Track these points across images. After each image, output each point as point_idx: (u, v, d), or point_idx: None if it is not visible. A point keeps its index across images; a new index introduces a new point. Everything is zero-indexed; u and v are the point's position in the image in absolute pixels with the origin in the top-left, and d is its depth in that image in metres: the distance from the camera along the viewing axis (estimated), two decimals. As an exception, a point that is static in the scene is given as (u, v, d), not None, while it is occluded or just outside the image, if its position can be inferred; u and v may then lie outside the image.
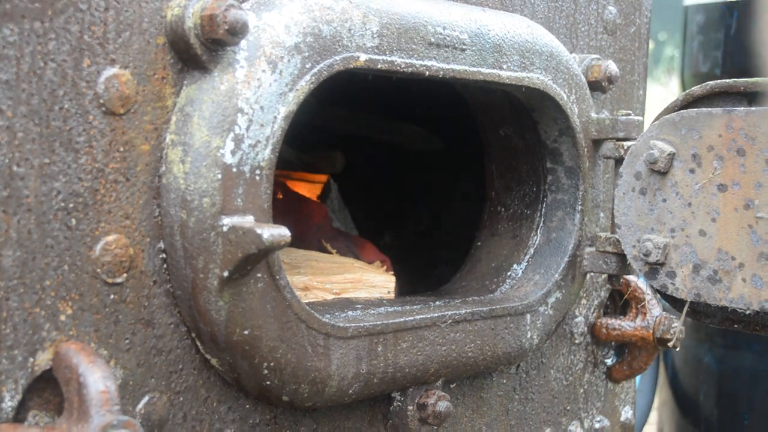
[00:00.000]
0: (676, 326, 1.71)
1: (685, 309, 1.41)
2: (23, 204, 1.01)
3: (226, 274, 1.12)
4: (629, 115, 1.64)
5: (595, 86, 1.64)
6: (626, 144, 1.56)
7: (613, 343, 1.86)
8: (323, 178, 2.06)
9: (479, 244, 1.72)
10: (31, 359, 1.03)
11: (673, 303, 1.46)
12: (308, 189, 2.01)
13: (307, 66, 1.18)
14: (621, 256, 1.56)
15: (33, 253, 1.02)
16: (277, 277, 1.19)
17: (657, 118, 1.44)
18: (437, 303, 1.49)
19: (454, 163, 1.99)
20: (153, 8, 1.09)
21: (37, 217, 1.02)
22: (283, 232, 1.09)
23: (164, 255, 1.14)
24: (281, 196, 1.86)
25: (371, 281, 1.64)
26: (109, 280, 1.09)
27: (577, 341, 1.78)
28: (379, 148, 2.17)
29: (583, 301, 1.77)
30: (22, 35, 0.99)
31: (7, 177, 0.99)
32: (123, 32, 1.07)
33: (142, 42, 1.09)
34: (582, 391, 1.82)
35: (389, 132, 2.05)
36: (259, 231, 1.08)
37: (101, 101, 1.06)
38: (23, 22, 0.98)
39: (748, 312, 1.35)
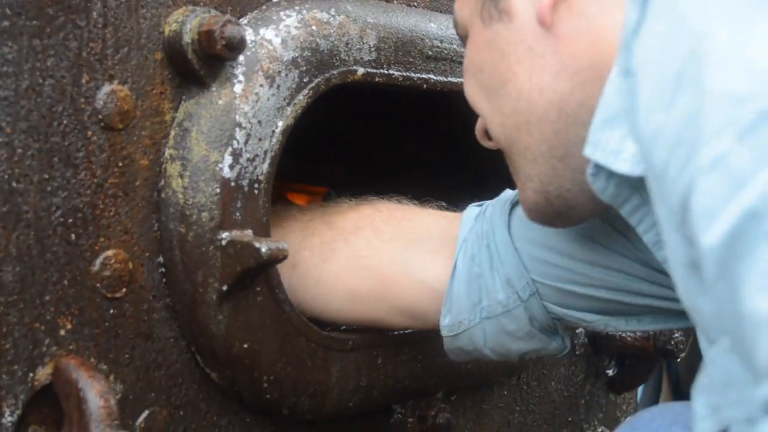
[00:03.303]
0: (677, 336, 1.71)
1: None
2: (23, 220, 1.01)
3: (225, 287, 1.12)
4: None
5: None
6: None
7: (614, 354, 1.85)
8: (323, 189, 2.06)
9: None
10: (31, 374, 1.03)
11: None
12: (308, 200, 2.01)
13: (305, 80, 1.19)
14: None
15: (33, 268, 1.02)
16: (277, 290, 1.19)
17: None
18: (437, 315, 1.49)
19: (458, 173, 1.99)
20: (151, 24, 1.10)
21: (36, 233, 1.02)
22: (281, 245, 1.10)
23: (163, 269, 1.14)
24: (281, 209, 1.86)
25: (371, 293, 1.64)
26: (109, 295, 1.09)
27: (577, 352, 1.78)
28: (380, 159, 2.17)
29: (584, 312, 1.77)
30: (21, 52, 0.99)
31: (6, 193, 0.99)
32: (121, 48, 1.08)
33: (140, 58, 1.09)
34: (583, 402, 1.82)
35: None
36: (257, 245, 1.09)
37: (100, 117, 1.06)
38: (22, 39, 0.99)
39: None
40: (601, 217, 1.13)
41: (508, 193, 1.28)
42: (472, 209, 1.30)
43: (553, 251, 1.19)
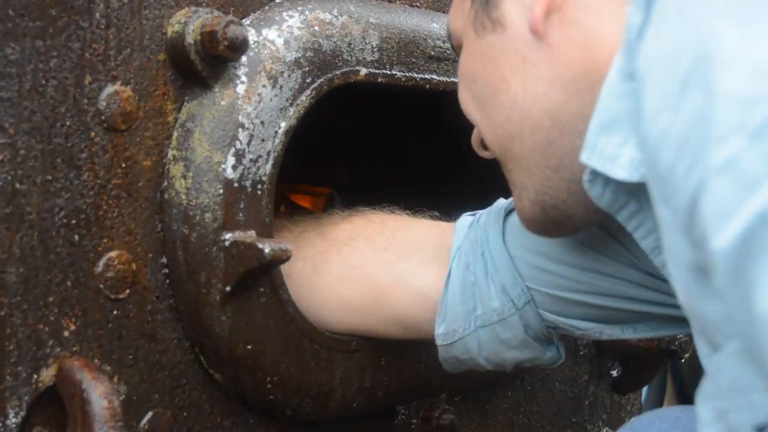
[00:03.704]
0: (681, 338, 1.71)
1: None
2: (26, 221, 1.01)
3: (228, 288, 1.12)
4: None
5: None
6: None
7: (618, 355, 1.85)
8: (326, 190, 2.07)
9: (482, 256, 1.72)
10: (35, 376, 1.03)
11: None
12: (311, 202, 2.02)
13: (308, 81, 1.19)
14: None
15: (36, 269, 1.02)
16: (280, 291, 1.19)
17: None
18: (441, 315, 1.49)
19: (461, 174, 1.99)
20: (154, 25, 1.10)
21: (39, 234, 1.02)
22: (284, 246, 1.10)
23: (167, 270, 1.14)
24: (284, 209, 1.86)
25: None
26: (113, 296, 1.09)
27: (581, 353, 1.78)
28: (383, 160, 2.17)
29: (588, 313, 1.76)
30: (24, 54, 0.99)
31: (9, 194, 1.00)
32: (124, 49, 1.08)
33: (143, 58, 1.09)
34: (587, 403, 1.81)
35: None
36: (260, 245, 1.09)
37: (103, 118, 1.06)
38: (25, 40, 0.99)
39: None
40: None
41: (501, 202, 1.28)
42: (466, 218, 1.30)
43: (547, 258, 1.19)
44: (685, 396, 3.06)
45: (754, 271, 0.59)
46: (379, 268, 1.29)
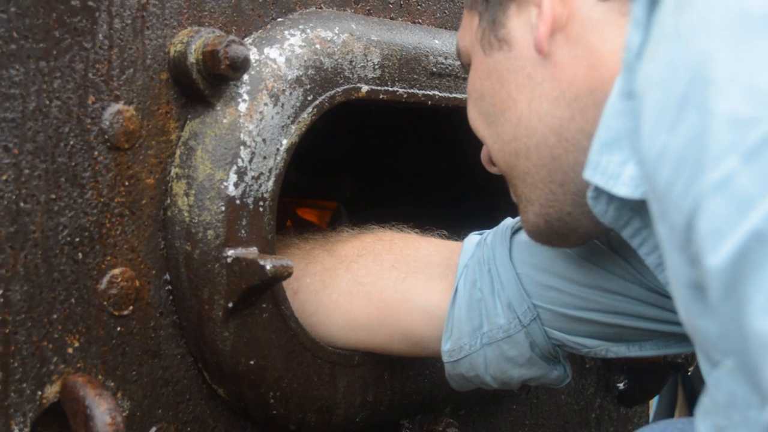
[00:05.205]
0: (687, 349, 1.70)
1: None
2: (30, 239, 1.02)
3: (230, 305, 1.13)
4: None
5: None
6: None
7: (624, 367, 1.85)
8: (332, 204, 2.08)
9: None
10: (39, 392, 1.04)
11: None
12: (318, 216, 2.03)
13: (309, 98, 1.20)
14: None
15: (40, 287, 1.04)
16: (282, 307, 1.20)
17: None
18: (445, 329, 1.49)
19: (467, 188, 2.00)
20: (156, 45, 1.12)
21: (43, 252, 1.04)
22: (286, 262, 1.10)
23: (170, 287, 1.15)
24: (290, 224, 1.87)
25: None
26: (116, 313, 1.10)
27: (587, 365, 1.78)
28: (390, 174, 2.18)
29: (593, 325, 1.76)
30: (28, 75, 1.01)
31: (14, 213, 1.01)
32: (127, 69, 1.09)
33: (145, 78, 1.11)
34: (594, 415, 1.81)
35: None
36: (262, 262, 1.10)
37: (106, 137, 1.08)
38: (29, 62, 1.01)
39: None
40: (601, 240, 1.14)
41: (508, 221, 1.29)
42: (473, 237, 1.32)
43: (554, 275, 1.19)
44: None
45: (746, 289, 0.60)
46: (387, 286, 1.30)
